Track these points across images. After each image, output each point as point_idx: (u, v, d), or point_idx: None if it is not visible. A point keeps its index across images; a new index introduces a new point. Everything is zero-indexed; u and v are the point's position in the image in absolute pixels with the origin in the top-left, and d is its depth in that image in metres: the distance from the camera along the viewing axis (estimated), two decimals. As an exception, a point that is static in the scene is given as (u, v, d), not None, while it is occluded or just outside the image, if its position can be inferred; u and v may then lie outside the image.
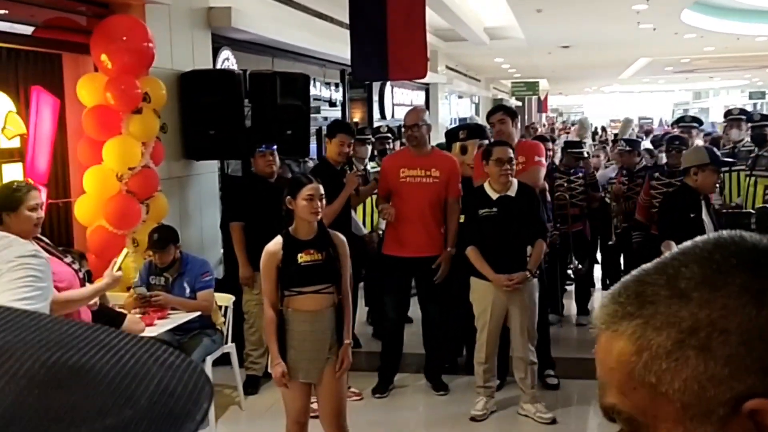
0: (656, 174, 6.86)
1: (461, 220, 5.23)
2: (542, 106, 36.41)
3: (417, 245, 5.50)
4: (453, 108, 21.85)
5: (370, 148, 7.64)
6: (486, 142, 5.78)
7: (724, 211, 6.47)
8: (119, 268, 4.00)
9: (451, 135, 6.45)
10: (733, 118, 7.78)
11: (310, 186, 3.89)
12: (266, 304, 3.91)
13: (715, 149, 5.73)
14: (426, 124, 5.50)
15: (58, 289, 3.42)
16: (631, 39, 15.99)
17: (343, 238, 4.10)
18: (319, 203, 3.89)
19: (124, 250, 4.32)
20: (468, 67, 22.83)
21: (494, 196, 4.97)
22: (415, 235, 5.49)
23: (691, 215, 4.98)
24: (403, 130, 5.63)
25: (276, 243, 3.90)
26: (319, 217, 3.94)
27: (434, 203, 5.46)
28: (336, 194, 5.37)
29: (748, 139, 7.44)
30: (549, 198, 6.56)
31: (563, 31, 14.68)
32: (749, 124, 7.57)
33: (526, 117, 35.35)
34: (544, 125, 30.03)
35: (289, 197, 3.85)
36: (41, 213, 3.64)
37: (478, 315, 5.15)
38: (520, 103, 35.21)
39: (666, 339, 0.66)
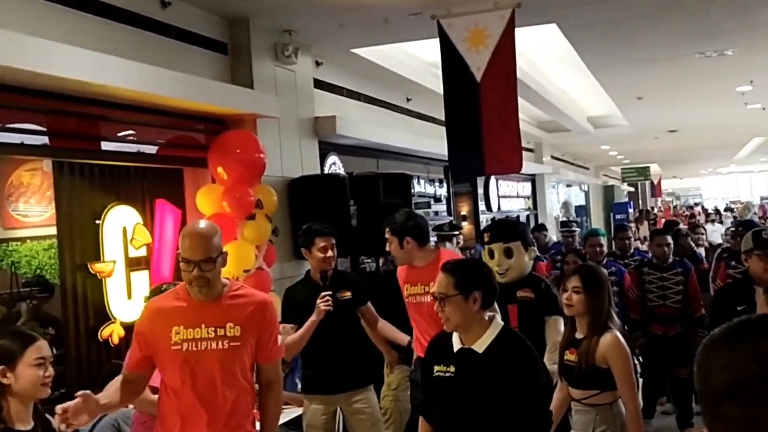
0: (732, 263, 6.35)
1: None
2: (656, 190, 35.69)
3: None
4: (561, 197, 21.80)
5: (454, 245, 7.70)
6: (518, 243, 4.81)
7: None
8: None
9: (481, 236, 5.61)
10: None
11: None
12: None
13: (764, 232, 4.84)
14: (221, 254, 3.20)
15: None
16: (740, 120, 15.70)
17: None
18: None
19: None
20: (575, 155, 22.85)
21: (456, 346, 3.06)
22: None
23: (738, 308, 4.28)
24: (181, 263, 3.18)
25: None
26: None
27: (231, 378, 3.18)
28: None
29: None
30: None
31: (667, 116, 14.60)
32: None
33: (640, 202, 34.70)
34: (661, 210, 29.36)
35: (3, 367, 2.71)
36: None
37: None
38: (632, 189, 34.68)
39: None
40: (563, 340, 3.85)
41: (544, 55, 9.77)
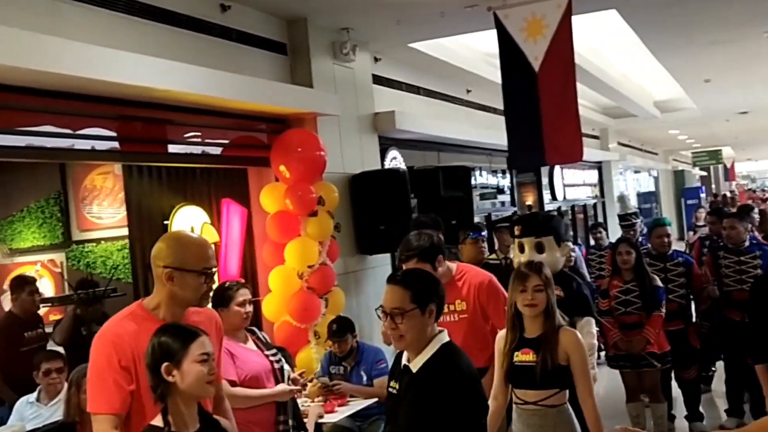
0: None
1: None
2: (729, 173, 34.71)
3: None
4: (630, 184, 21.41)
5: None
6: (550, 238, 4.58)
7: None
8: (299, 389, 4.21)
9: (511, 229, 5.36)
10: None
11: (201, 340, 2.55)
12: None
13: None
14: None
15: (240, 376, 3.83)
16: (815, 97, 15.16)
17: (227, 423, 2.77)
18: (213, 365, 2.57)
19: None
20: (642, 141, 22.41)
21: (404, 361, 2.84)
22: None
23: None
24: (195, 276, 2.76)
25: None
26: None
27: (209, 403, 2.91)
28: None
29: None
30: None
31: (737, 97, 14.20)
32: None
33: (713, 186, 33.80)
34: (736, 194, 28.54)
35: (168, 364, 2.48)
36: (249, 308, 4.06)
37: None
38: (704, 173, 33.81)
39: None
40: (509, 343, 3.62)
41: (605, 40, 9.63)
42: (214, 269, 2.82)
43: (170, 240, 2.86)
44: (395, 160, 7.82)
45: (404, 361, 2.80)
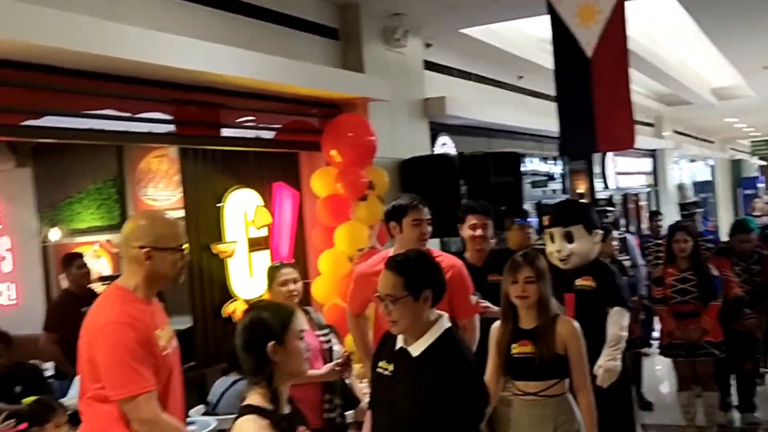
0: None
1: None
2: (789, 164, 33.76)
3: None
4: (685, 173, 20.98)
5: None
6: (579, 227, 4.56)
7: None
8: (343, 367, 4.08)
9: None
10: None
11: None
12: None
13: None
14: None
15: None
16: None
17: None
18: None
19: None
20: (698, 129, 21.95)
21: (399, 344, 2.84)
22: None
23: None
24: (171, 253, 2.85)
25: None
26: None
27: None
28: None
29: None
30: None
31: (799, 84, 13.82)
32: None
33: (773, 177, 32.91)
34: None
35: (273, 342, 2.35)
36: (292, 287, 4.10)
37: None
38: (765, 162, 32.93)
39: None
40: (505, 335, 3.60)
41: (661, 26, 9.47)
42: (186, 245, 2.86)
43: (143, 220, 2.87)
44: (445, 145, 7.83)
45: (400, 343, 2.79)
